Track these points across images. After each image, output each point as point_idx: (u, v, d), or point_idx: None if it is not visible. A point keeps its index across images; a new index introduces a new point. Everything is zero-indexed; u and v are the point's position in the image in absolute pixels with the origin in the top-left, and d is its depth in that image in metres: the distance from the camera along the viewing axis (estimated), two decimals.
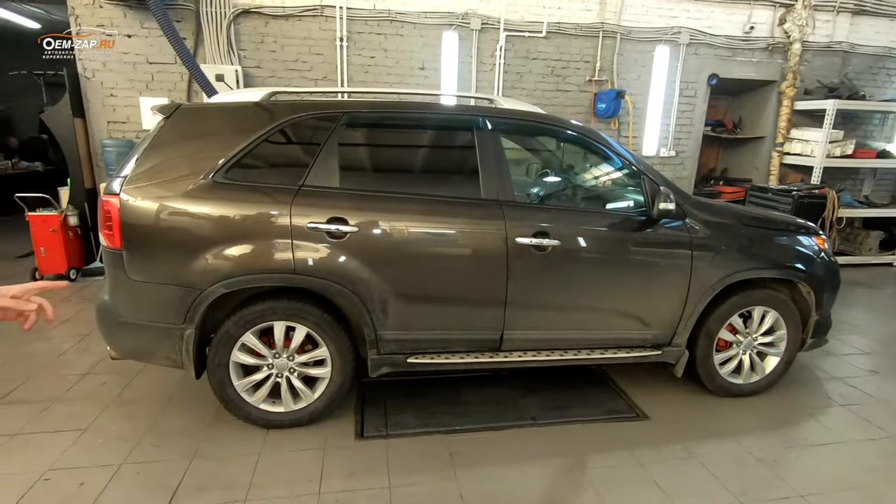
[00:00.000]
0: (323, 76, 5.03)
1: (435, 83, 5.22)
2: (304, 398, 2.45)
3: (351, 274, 2.29)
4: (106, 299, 2.32)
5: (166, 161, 2.26)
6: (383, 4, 4.94)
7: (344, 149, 2.40)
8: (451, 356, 2.50)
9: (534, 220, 2.46)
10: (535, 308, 2.52)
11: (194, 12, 4.65)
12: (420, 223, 2.35)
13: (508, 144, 3.34)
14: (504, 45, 5.22)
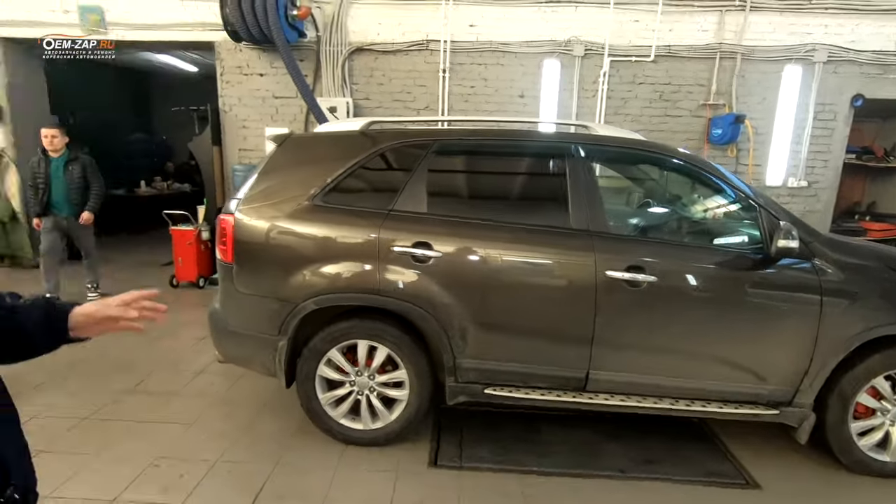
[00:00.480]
0: (425, 106, 5.25)
1: (534, 111, 5.20)
2: (382, 418, 2.49)
3: (432, 298, 2.30)
4: (217, 308, 2.58)
5: (276, 185, 2.49)
6: (486, 36, 5.07)
7: (433, 175, 2.46)
8: (531, 392, 2.39)
9: (628, 253, 2.29)
10: (627, 348, 2.33)
11: (315, 52, 5.16)
12: (505, 251, 2.31)
13: (607, 173, 3.22)
14: (608, 71, 5.06)
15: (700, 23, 5.02)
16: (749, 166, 5.22)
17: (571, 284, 2.29)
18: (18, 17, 5.26)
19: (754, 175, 5.25)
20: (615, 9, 4.94)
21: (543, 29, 5.04)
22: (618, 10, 4.96)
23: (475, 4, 5.02)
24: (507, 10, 5.02)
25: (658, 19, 4.93)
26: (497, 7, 5.01)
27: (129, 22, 5.22)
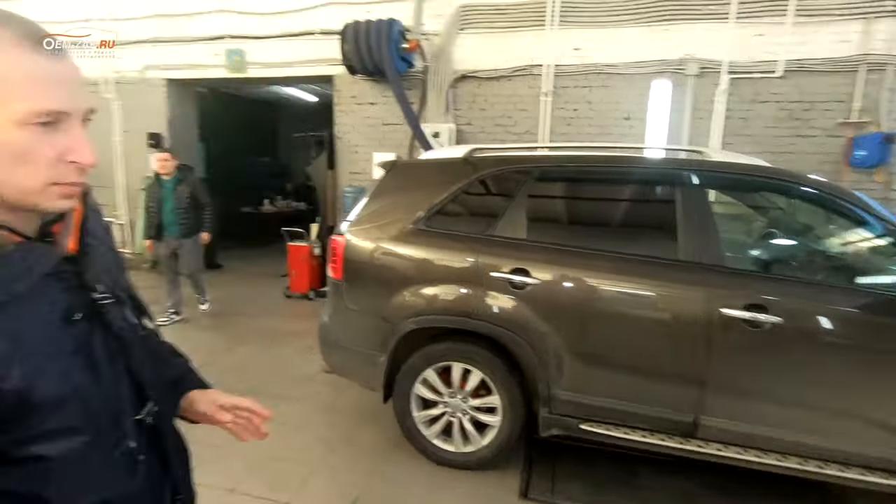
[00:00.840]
0: (526, 130, 5.28)
1: (640, 133, 4.98)
2: (474, 442, 2.49)
3: (528, 325, 2.28)
4: (326, 321, 2.78)
5: (383, 208, 2.65)
6: (591, 59, 4.99)
7: (533, 202, 2.46)
8: (632, 432, 2.25)
9: (748, 289, 2.09)
10: (745, 395, 2.11)
11: (422, 80, 5.43)
12: (606, 281, 2.23)
13: (723, 199, 2.99)
14: (726, 90, 4.70)
15: (839, 33, 4.49)
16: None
17: (680, 320, 2.14)
18: (181, 62, 6.22)
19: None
20: (736, 23, 4.60)
21: (653, 48, 4.84)
22: (739, 24, 4.61)
23: (580, 27, 4.97)
24: (613, 32, 4.90)
25: (787, 32, 4.50)
26: (603, 29, 4.92)
27: (264, 61, 5.92)
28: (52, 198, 0.60)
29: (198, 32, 6.07)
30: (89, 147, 0.60)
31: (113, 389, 0.69)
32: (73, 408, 0.63)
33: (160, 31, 6.20)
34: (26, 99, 0.55)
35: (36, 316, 0.61)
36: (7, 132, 0.55)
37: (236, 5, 5.88)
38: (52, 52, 0.58)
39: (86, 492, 0.66)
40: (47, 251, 0.63)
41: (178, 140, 6.61)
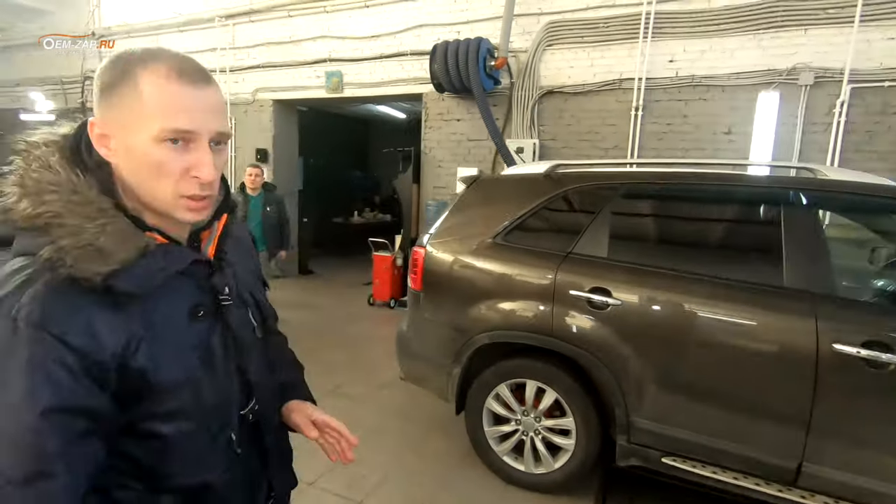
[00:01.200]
0: (613, 145, 5.11)
1: (742, 148, 4.61)
2: (545, 464, 2.43)
3: (607, 347, 2.19)
4: (404, 329, 2.87)
5: (463, 222, 2.70)
6: (687, 70, 4.73)
7: (617, 220, 2.37)
8: (722, 472, 2.06)
9: (868, 323, 1.85)
10: (861, 444, 1.86)
11: (508, 97, 5.48)
12: (695, 305, 2.08)
13: (843, 223, 2.69)
14: (848, 100, 4.22)
15: None
16: None
17: (781, 354, 1.94)
18: (286, 84, 6.83)
19: None
20: (861, 27, 4.13)
21: (759, 58, 4.48)
22: (865, 28, 4.13)
23: (676, 38, 4.74)
24: (713, 42, 4.62)
25: None
26: (702, 39, 4.66)
27: (359, 81, 6.32)
28: (181, 209, 0.69)
29: (302, 57, 6.63)
30: (210, 165, 0.68)
31: (224, 383, 0.77)
32: (186, 394, 0.71)
33: (270, 56, 6.86)
34: (162, 119, 0.65)
35: (168, 308, 0.70)
36: (148, 147, 0.65)
37: (337, 31, 6.35)
38: (193, 82, 0.67)
39: (190, 471, 0.74)
40: (182, 252, 0.73)
41: (280, 155, 7.24)
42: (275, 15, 6.70)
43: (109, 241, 0.63)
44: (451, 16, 5.67)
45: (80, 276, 0.61)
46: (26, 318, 0.58)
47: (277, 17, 6.70)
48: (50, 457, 0.58)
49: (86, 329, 0.61)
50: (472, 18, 5.57)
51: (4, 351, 0.59)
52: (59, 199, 0.63)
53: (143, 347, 0.66)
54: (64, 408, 0.60)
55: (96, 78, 0.68)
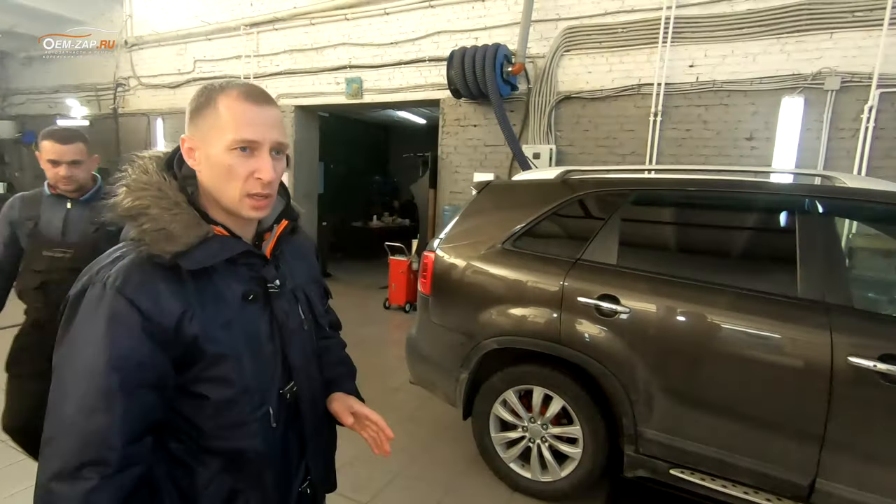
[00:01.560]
0: (631, 151, 5.05)
1: (765, 155, 4.50)
2: (551, 472, 2.40)
3: (615, 356, 2.16)
4: (414, 333, 2.89)
5: (473, 227, 2.71)
6: (707, 76, 4.65)
7: (626, 226, 2.34)
8: (732, 487, 2.01)
9: (886, 337, 1.79)
10: (879, 462, 1.79)
11: (525, 102, 5.47)
12: (704, 314, 2.04)
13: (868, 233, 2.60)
14: (877, 105, 4.09)
15: None
16: None
17: (794, 366, 1.88)
18: (306, 90, 6.96)
19: None
20: (891, 30, 4.00)
21: (783, 63, 4.37)
22: (894, 31, 4.00)
23: (697, 43, 4.67)
24: (735, 46, 4.53)
25: None
26: (723, 44, 4.57)
27: (379, 87, 6.40)
28: (246, 206, 0.84)
29: (323, 64, 6.76)
30: (269, 169, 0.83)
31: (266, 362, 0.89)
32: (230, 365, 0.83)
33: (293, 63, 7.01)
34: (233, 131, 0.81)
35: (222, 288, 0.85)
36: (222, 154, 0.81)
37: (357, 38, 6.45)
38: (257, 102, 0.83)
39: (228, 434, 0.85)
40: (235, 243, 0.86)
41: (301, 160, 7.37)
42: (298, 23, 6.85)
43: (178, 227, 0.79)
44: (469, 22, 5.71)
45: (155, 253, 0.77)
46: (111, 284, 0.75)
47: (300, 25, 6.85)
48: (111, 395, 0.72)
49: (154, 297, 0.76)
50: (489, 24, 5.59)
51: (93, 307, 0.75)
52: (149, 195, 0.81)
53: (197, 318, 0.79)
54: (127, 357, 0.74)
55: (188, 104, 0.86)
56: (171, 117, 8.37)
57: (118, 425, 0.72)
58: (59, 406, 0.73)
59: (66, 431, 0.72)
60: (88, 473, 0.70)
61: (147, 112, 8.59)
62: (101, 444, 0.71)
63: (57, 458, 0.71)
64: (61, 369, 0.75)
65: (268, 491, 0.90)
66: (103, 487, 0.70)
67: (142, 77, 8.55)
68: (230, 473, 0.86)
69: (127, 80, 8.77)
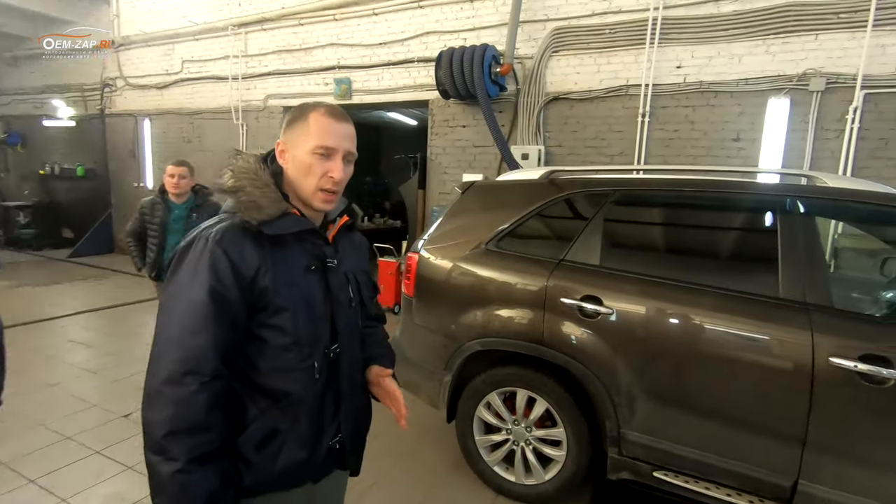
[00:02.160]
0: (619, 152, 5.05)
1: (751, 155, 4.52)
2: (535, 475, 2.38)
3: (598, 357, 2.14)
4: (397, 335, 2.85)
5: (457, 228, 2.68)
6: (694, 77, 4.67)
7: (609, 227, 2.33)
8: (715, 489, 1.99)
9: (866, 337, 1.78)
10: (859, 463, 1.78)
11: (513, 103, 5.46)
12: (686, 315, 2.02)
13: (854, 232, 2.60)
14: (861, 106, 4.11)
15: None
16: None
17: (775, 366, 1.87)
18: (295, 91, 6.92)
19: None
20: (875, 31, 4.03)
21: (768, 64, 4.39)
22: (879, 32, 4.03)
23: (684, 44, 4.68)
24: (721, 48, 4.54)
25: None
26: (709, 45, 4.59)
27: (368, 88, 6.37)
28: (318, 199, 1.07)
29: (312, 64, 6.71)
30: (340, 170, 1.06)
31: (316, 321, 1.09)
32: (288, 317, 1.03)
33: (281, 64, 6.96)
34: (317, 139, 1.04)
35: (292, 256, 1.06)
36: (306, 156, 1.05)
37: (346, 38, 6.42)
38: (338, 119, 1.07)
39: (280, 376, 1.04)
40: (304, 221, 1.07)
41: None
42: (286, 23, 6.81)
43: (265, 201, 1.02)
44: (458, 23, 5.69)
45: (246, 219, 1.00)
46: (212, 238, 0.98)
47: (288, 26, 6.80)
48: (204, 320, 0.94)
49: (241, 252, 0.99)
50: (478, 25, 5.58)
51: (197, 255, 0.97)
52: (247, 177, 1.04)
53: (268, 274, 1.00)
54: (218, 292, 0.96)
55: (286, 116, 1.14)
56: (158, 118, 8.30)
57: (212, 344, 0.94)
58: (167, 329, 0.95)
59: (172, 347, 0.93)
60: (190, 380, 0.92)
61: (134, 112, 8.50)
62: (200, 358, 0.93)
63: (165, 367, 0.92)
64: (169, 301, 0.97)
65: (302, 434, 1.07)
66: (201, 391, 0.92)
67: (129, 77, 8.47)
68: (273, 412, 1.04)
69: (114, 81, 8.68)
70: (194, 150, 7.92)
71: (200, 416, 0.92)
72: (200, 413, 0.92)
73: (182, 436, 0.90)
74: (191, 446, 0.91)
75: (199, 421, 0.92)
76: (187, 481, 0.90)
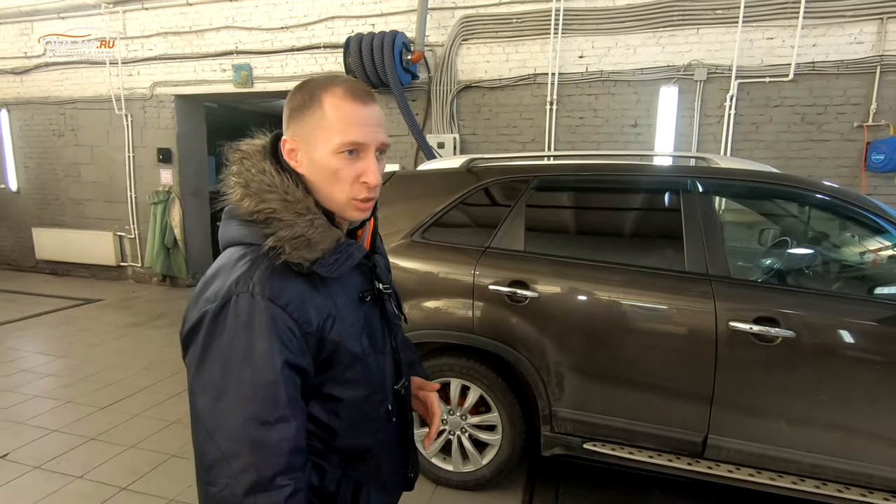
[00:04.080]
0: (531, 139, 5.21)
1: (648, 140, 4.89)
2: (473, 462, 2.40)
3: (527, 340, 2.20)
4: None
5: (380, 221, 2.59)
6: (596, 66, 4.93)
7: (532, 212, 2.38)
8: (637, 452, 2.14)
9: (757, 301, 1.99)
10: (756, 414, 2.00)
11: (426, 91, 5.42)
12: (606, 293, 2.14)
13: (734, 206, 2.88)
14: (736, 94, 4.60)
15: (854, 34, 4.36)
16: None
17: (685, 334, 2.04)
18: (188, 77, 6.31)
19: None
20: (745, 27, 4.51)
21: (659, 55, 4.76)
22: (748, 28, 4.52)
23: (584, 35, 4.92)
24: (618, 39, 4.84)
25: (798, 34, 4.39)
26: (608, 36, 4.86)
27: (271, 75, 5.97)
28: (352, 210, 0.83)
29: (206, 49, 6.16)
30: (376, 172, 0.82)
31: (384, 360, 0.93)
32: (360, 367, 0.85)
33: (169, 47, 6.30)
34: (341, 135, 0.78)
35: (346, 292, 0.85)
36: (328, 158, 0.79)
37: (243, 21, 5.96)
38: (364, 101, 0.80)
39: (356, 432, 0.89)
40: (360, 248, 0.85)
41: (186, 155, 6.69)
42: (171, 2, 6.16)
43: (316, 234, 0.78)
44: (365, 8, 5.51)
45: (294, 261, 0.76)
46: (260, 293, 0.73)
47: (175, 5, 6.16)
48: (286, 404, 0.74)
49: (300, 304, 0.76)
50: (385, 11, 5.44)
51: (246, 318, 0.73)
52: (277, 198, 0.78)
53: (336, 324, 0.81)
54: (292, 364, 0.75)
55: (287, 102, 0.83)
56: (18, 108, 7.18)
57: (298, 429, 0.75)
58: (225, 425, 0.72)
59: (247, 447, 0.72)
60: (283, 481, 0.73)
61: None
62: (291, 452, 0.74)
63: (243, 474, 0.72)
64: (219, 384, 0.73)
65: (385, 479, 0.97)
66: (298, 490, 0.75)
67: None
68: (354, 467, 0.91)
69: None
70: (67, 145, 6.97)
71: None
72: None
73: None
74: None
75: None
76: None
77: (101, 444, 2.80)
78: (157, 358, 4.09)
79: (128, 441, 2.84)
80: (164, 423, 3.04)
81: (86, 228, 7.05)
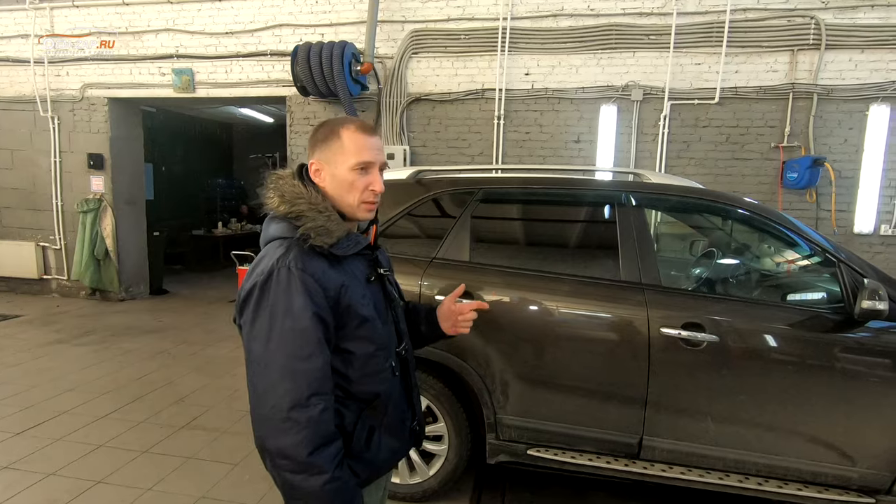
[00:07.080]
0: (479, 152, 5.33)
1: (590, 156, 5.12)
2: (420, 473, 2.40)
3: (473, 349, 2.23)
4: None
5: None
6: (541, 84, 5.12)
7: (476, 224, 2.43)
8: (578, 456, 2.21)
9: (685, 308, 2.12)
10: (685, 414, 2.12)
11: (376, 103, 5.43)
12: (547, 303, 2.21)
13: (666, 219, 3.06)
14: (669, 115, 4.91)
15: (769, 63, 4.79)
16: (832, 212, 4.78)
17: (621, 341, 2.14)
18: (123, 80, 6.00)
19: (839, 222, 4.79)
20: (675, 53, 4.84)
21: (599, 75, 5.02)
22: (678, 53, 4.86)
23: (530, 53, 5.11)
24: (561, 58, 5.06)
25: (722, 61, 4.77)
26: (552, 56, 5.08)
27: (214, 81, 5.79)
28: (362, 210, 1.14)
29: (143, 51, 5.89)
30: (380, 182, 1.14)
31: (388, 327, 1.21)
32: (369, 328, 1.11)
33: (103, 49, 5.98)
34: (356, 157, 1.10)
35: (356, 272, 1.13)
36: (346, 173, 1.11)
37: (184, 24, 5.75)
38: (370, 134, 1.13)
39: (367, 381, 1.13)
40: (363, 238, 1.15)
41: (120, 161, 6.33)
42: (105, 1, 5.86)
43: (333, 225, 1.08)
44: (314, 17, 5.47)
45: (317, 244, 1.05)
46: (296, 267, 1.01)
47: (109, 4, 5.87)
48: (316, 344, 1.01)
49: (322, 274, 1.04)
50: (335, 21, 5.43)
51: (286, 285, 1.01)
52: (304, 202, 1.08)
53: (349, 291, 1.08)
54: (319, 315, 1.02)
55: (311, 137, 1.16)
56: None
57: (326, 363, 1.03)
58: (274, 358, 0.99)
59: (289, 375, 0.98)
60: (316, 400, 0.99)
61: None
62: (322, 378, 1.01)
63: (287, 395, 0.98)
64: (269, 332, 1.00)
65: (392, 426, 1.20)
66: (327, 407, 1.01)
67: None
68: (367, 413, 1.15)
69: None
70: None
71: (331, 429, 1.02)
72: (330, 426, 1.02)
73: (323, 449, 0.99)
74: (333, 455, 1.00)
75: (331, 433, 1.02)
76: (339, 486, 1.00)
77: (15, 473, 2.57)
78: (83, 378, 3.81)
79: (46, 468, 2.62)
80: (88, 448, 2.83)
81: (4, 238, 6.50)
